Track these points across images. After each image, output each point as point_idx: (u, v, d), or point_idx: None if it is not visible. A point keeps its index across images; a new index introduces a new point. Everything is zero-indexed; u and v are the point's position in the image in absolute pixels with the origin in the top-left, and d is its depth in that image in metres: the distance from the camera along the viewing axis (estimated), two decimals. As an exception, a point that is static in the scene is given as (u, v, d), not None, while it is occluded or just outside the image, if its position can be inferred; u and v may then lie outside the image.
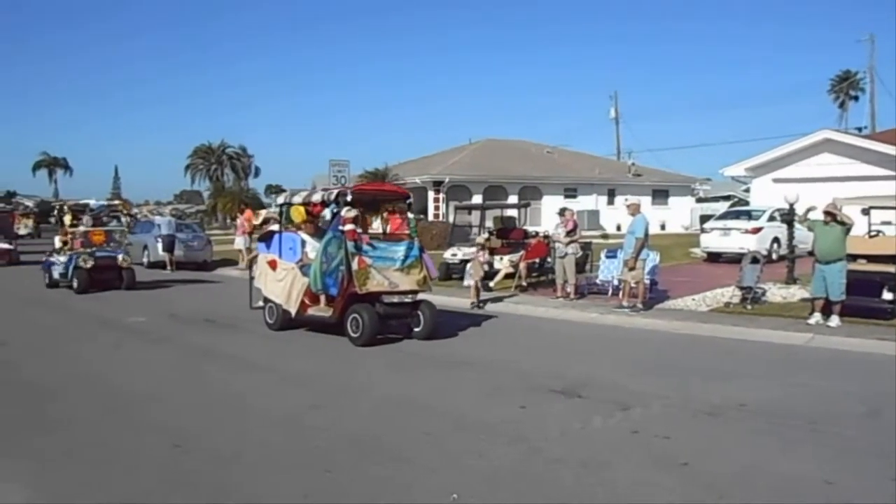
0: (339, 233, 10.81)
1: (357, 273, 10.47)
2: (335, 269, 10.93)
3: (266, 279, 12.25)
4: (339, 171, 22.80)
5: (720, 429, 6.61)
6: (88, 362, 9.94)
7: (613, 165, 49.44)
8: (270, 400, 7.82)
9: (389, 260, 11.00)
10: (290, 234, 12.31)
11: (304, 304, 11.50)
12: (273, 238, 12.50)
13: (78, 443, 6.32)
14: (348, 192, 11.16)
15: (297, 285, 11.51)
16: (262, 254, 12.69)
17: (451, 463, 5.73)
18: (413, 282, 11.04)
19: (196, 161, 67.96)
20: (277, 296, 11.85)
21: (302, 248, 11.98)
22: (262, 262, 12.55)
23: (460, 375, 8.87)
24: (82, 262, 17.84)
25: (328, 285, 11.02)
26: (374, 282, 10.58)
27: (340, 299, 10.80)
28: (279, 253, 12.16)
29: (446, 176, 37.59)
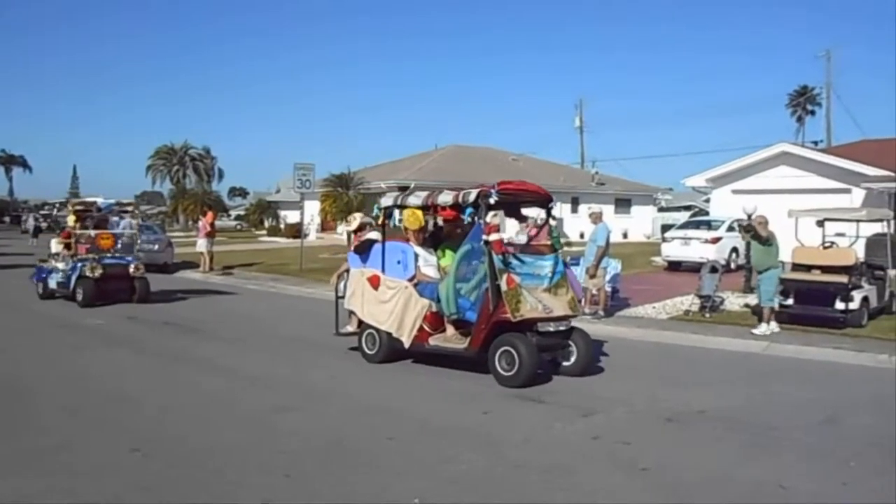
0: (482, 244, 8.62)
1: (507, 295, 8.37)
2: (474, 290, 8.77)
3: (363, 300, 9.83)
4: (303, 174, 22.70)
5: (680, 435, 6.74)
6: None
7: (578, 174, 49.91)
8: (236, 402, 7.78)
9: (537, 278, 8.94)
10: (397, 244, 9.89)
11: (422, 332, 9.30)
12: (372, 249, 10.09)
13: (36, 446, 6.22)
14: (493, 191, 8.80)
15: (414, 309, 9.32)
16: (357, 268, 10.15)
17: (416, 468, 5.75)
18: (565, 305, 9.00)
19: (157, 162, 66.93)
20: (382, 321, 9.53)
21: (415, 262, 9.70)
22: (356, 279, 9.98)
23: (423, 380, 8.90)
24: (89, 270, 15.19)
25: (463, 309, 8.82)
26: (528, 306, 8.50)
27: (483, 327, 8.60)
28: (382, 267, 9.79)
29: (412, 181, 37.54)
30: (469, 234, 9.03)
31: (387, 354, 9.62)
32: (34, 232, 42.15)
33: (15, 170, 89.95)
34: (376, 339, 9.71)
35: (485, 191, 8.79)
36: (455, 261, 8.99)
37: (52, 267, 16.44)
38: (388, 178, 38.26)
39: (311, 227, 40.93)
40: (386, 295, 9.57)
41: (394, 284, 9.55)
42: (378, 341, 9.70)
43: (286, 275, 22.09)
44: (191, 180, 66.44)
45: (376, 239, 10.17)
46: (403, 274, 9.61)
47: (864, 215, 14.64)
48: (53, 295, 16.11)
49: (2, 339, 11.72)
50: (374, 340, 9.75)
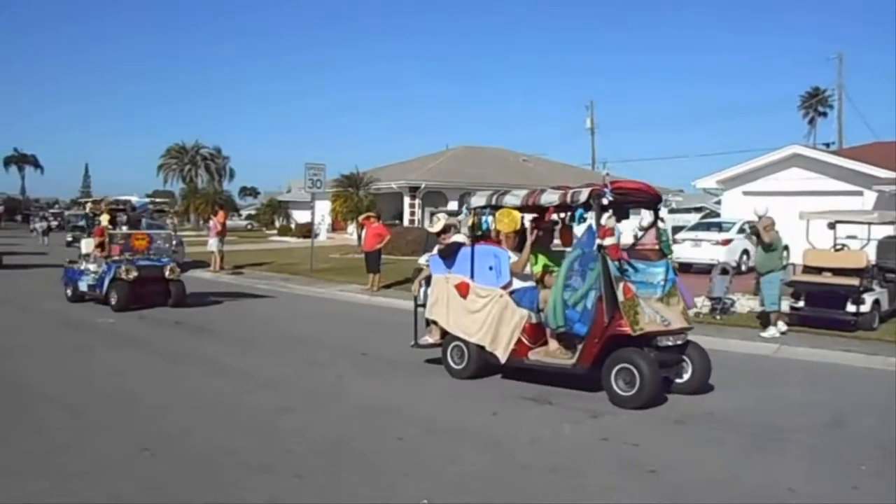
0: (595, 249, 7.80)
1: (625, 306, 7.59)
2: (581, 300, 7.84)
3: (448, 309, 9.02)
4: (314, 174, 22.71)
5: (688, 437, 6.73)
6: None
7: (588, 175, 49.77)
8: (244, 403, 7.81)
9: (650, 286, 8.10)
10: (489, 248, 8.94)
11: (521, 346, 8.44)
12: (459, 253, 9.15)
13: (44, 445, 6.27)
14: (606, 190, 7.90)
15: (510, 320, 8.45)
16: (440, 274, 9.26)
17: (423, 468, 5.77)
18: (679, 316, 8.15)
19: (169, 161, 67.27)
20: (472, 333, 8.72)
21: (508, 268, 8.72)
22: (440, 286, 9.16)
23: (431, 381, 8.91)
24: (124, 272, 14.50)
25: (572, 321, 7.85)
26: (646, 318, 7.69)
27: (596, 341, 7.76)
28: (471, 273, 8.90)
29: (422, 182, 37.64)
30: (580, 238, 8.19)
31: (477, 369, 8.77)
32: (45, 231, 42.47)
33: (27, 169, 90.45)
34: (464, 353, 8.86)
35: (598, 190, 7.95)
36: (563, 268, 8.07)
37: (83, 268, 15.72)
38: (398, 179, 38.30)
39: (322, 227, 41.02)
40: (476, 304, 8.76)
41: (486, 293, 8.69)
42: (466, 355, 8.83)
43: (296, 274, 22.15)
44: (202, 180, 66.75)
45: (463, 242, 9.29)
46: (496, 281, 8.68)
47: (875, 218, 14.55)
48: (83, 298, 15.51)
49: (10, 338, 11.79)
50: (461, 354, 8.90)
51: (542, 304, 8.33)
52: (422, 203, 37.06)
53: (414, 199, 37.41)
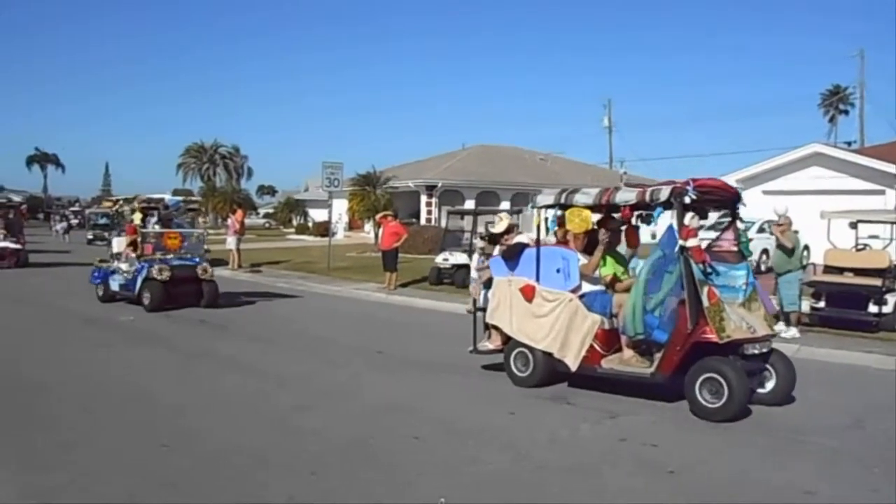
0: (677, 250, 7.32)
1: (710, 311, 7.13)
2: (661, 304, 7.38)
3: (512, 314, 8.54)
4: (332, 173, 22.78)
5: (707, 438, 6.66)
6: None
7: (605, 174, 49.63)
8: (262, 401, 7.84)
9: (732, 290, 7.68)
10: (556, 250, 8.50)
11: (593, 353, 7.95)
12: (523, 255, 8.64)
13: (65, 441, 6.32)
14: (689, 189, 7.38)
15: (581, 325, 7.96)
16: (503, 276, 8.77)
17: (440, 468, 5.75)
18: (762, 322, 7.70)
19: (188, 160, 67.79)
20: (538, 339, 8.25)
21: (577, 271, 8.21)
22: (502, 289, 8.66)
23: (450, 380, 8.91)
24: (157, 272, 14.24)
25: (651, 327, 7.41)
26: (732, 324, 7.22)
27: (678, 349, 7.31)
28: (536, 276, 8.42)
29: (439, 181, 37.69)
30: (660, 240, 7.68)
31: (543, 377, 8.32)
32: (66, 230, 42.92)
33: (48, 168, 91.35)
34: (529, 360, 8.40)
35: (680, 188, 7.42)
36: (643, 271, 7.61)
37: (115, 268, 15.49)
38: (415, 178, 38.38)
39: (339, 225, 41.14)
40: (543, 308, 8.27)
41: (554, 296, 8.20)
42: (532, 362, 8.38)
43: (314, 273, 22.23)
44: (220, 178, 67.18)
45: (527, 243, 8.83)
46: (564, 284, 8.19)
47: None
48: (114, 297, 15.31)
49: (30, 335, 11.91)
50: (526, 361, 8.44)
51: (615, 308, 7.92)
52: (438, 202, 37.10)
53: (431, 198, 37.47)
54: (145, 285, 14.28)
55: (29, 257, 24.21)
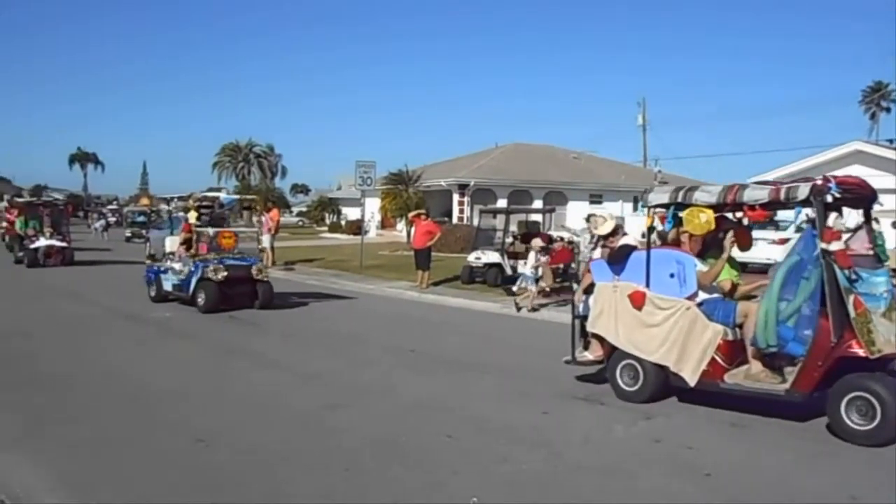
0: (816, 255, 6.62)
1: (857, 322, 6.37)
2: (797, 313, 6.65)
3: (618, 322, 7.83)
4: (364, 172, 22.87)
5: (745, 440, 6.54)
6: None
7: (640, 172, 49.15)
8: (294, 398, 7.88)
9: (873, 299, 6.70)
10: (670, 253, 7.76)
11: (715, 367, 7.20)
12: (630, 258, 7.94)
13: (102, 434, 6.41)
14: (832, 186, 6.68)
15: (701, 336, 7.25)
16: (607, 281, 8.03)
17: (473, 466, 5.72)
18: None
19: (223, 159, 68.45)
20: (651, 350, 7.55)
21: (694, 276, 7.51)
22: (606, 295, 7.94)
23: (482, 379, 8.86)
24: (212, 272, 13.87)
25: (785, 339, 6.69)
26: (881, 337, 6.41)
27: (819, 364, 6.55)
28: (646, 282, 7.71)
29: (471, 179, 37.63)
30: (796, 243, 7.04)
31: (654, 391, 7.64)
32: (104, 227, 43.71)
33: (88, 167, 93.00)
34: (638, 372, 7.68)
35: (821, 185, 6.70)
36: (776, 277, 6.91)
37: (167, 267, 15.23)
38: (447, 177, 38.41)
39: (371, 223, 41.31)
40: (655, 317, 7.57)
41: (668, 304, 7.50)
42: (641, 375, 7.65)
43: (346, 271, 22.33)
44: (255, 177, 67.77)
45: (635, 246, 8.21)
46: (679, 291, 7.50)
47: (943, 216, 14.01)
48: (167, 298, 15.05)
49: (68, 330, 12.10)
50: (634, 373, 7.71)
51: (740, 318, 7.25)
52: (471, 201, 37.05)
53: (463, 197, 37.43)
54: (200, 286, 13.95)
55: (74, 255, 24.40)
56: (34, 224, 24.42)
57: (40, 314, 13.80)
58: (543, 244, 15.88)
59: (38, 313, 13.91)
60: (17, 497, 4.95)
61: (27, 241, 23.77)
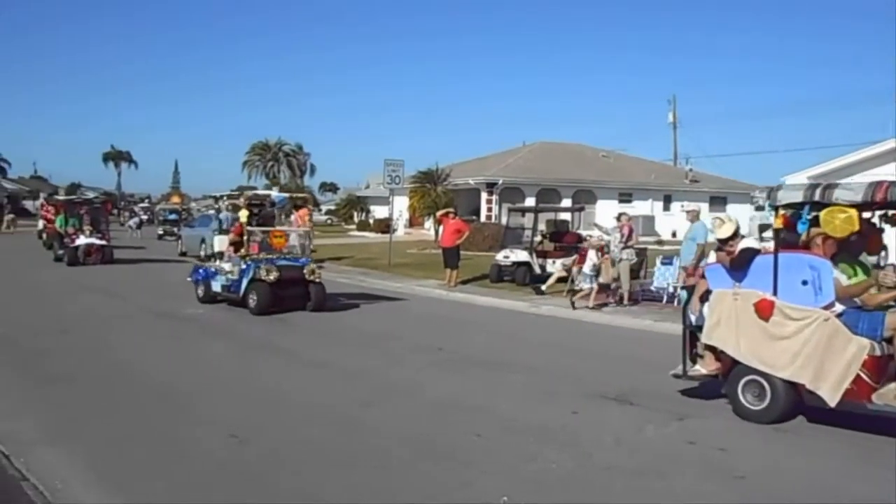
0: None
1: None
2: None
3: (739, 333, 7.08)
4: (393, 170, 22.92)
5: (781, 443, 6.43)
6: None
7: (670, 171, 48.74)
8: (326, 395, 7.93)
9: None
10: (801, 257, 6.99)
11: (861, 385, 6.41)
12: (754, 263, 7.22)
13: (137, 429, 6.49)
14: None
15: (844, 351, 6.47)
16: (726, 288, 7.33)
17: (502, 466, 5.71)
18: None
19: (253, 157, 69.16)
20: (781, 366, 6.79)
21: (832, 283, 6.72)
22: (725, 304, 7.23)
23: (511, 378, 8.83)
24: (264, 272, 13.35)
25: None
26: None
27: None
28: (773, 289, 6.98)
29: (500, 178, 37.56)
30: None
31: (784, 410, 6.87)
32: (138, 225, 44.32)
33: (122, 165, 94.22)
34: (765, 390, 6.91)
35: None
36: None
37: (216, 268, 14.72)
38: (476, 175, 38.36)
39: (400, 222, 41.39)
40: (786, 328, 6.82)
41: (802, 314, 6.73)
42: (769, 392, 6.88)
43: (375, 269, 22.40)
44: (284, 175, 68.29)
45: (759, 249, 7.54)
46: (814, 300, 6.74)
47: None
48: (215, 299, 14.60)
49: (103, 326, 12.26)
50: (760, 391, 6.93)
51: (888, 331, 6.50)
52: (499, 199, 36.98)
53: (491, 196, 37.37)
54: (251, 287, 13.43)
55: (113, 254, 24.25)
56: (74, 222, 24.39)
57: (80, 311, 14.00)
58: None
59: (78, 310, 14.12)
60: (55, 490, 5.02)
61: (67, 240, 23.68)
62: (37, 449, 5.88)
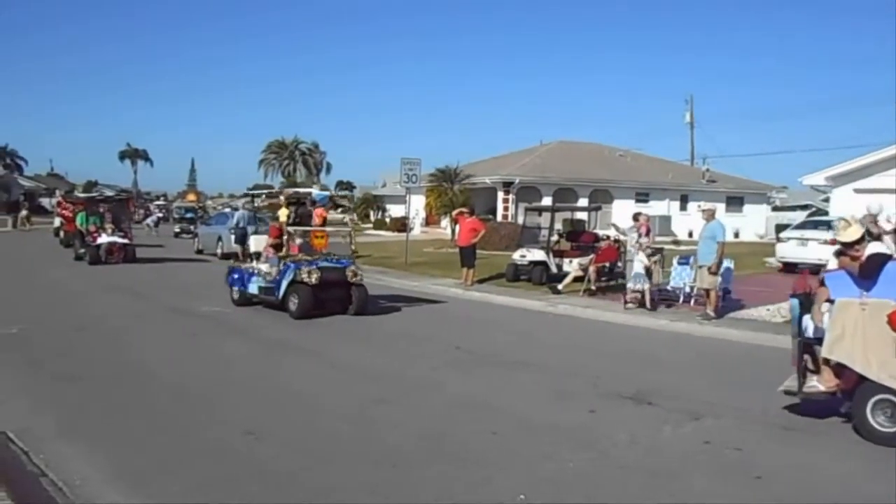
0: None
1: None
2: None
3: (867, 347, 6.44)
4: (410, 169, 22.95)
5: (799, 444, 6.41)
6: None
7: (687, 171, 48.47)
8: (342, 393, 7.97)
9: None
10: None
11: None
12: (885, 269, 6.66)
13: (155, 425, 6.56)
14: None
15: None
16: (851, 297, 6.69)
17: (519, 464, 5.72)
18: None
19: (269, 156, 69.49)
20: None
21: None
22: (851, 314, 6.59)
23: (528, 377, 8.84)
24: (305, 275, 12.71)
25: None
26: None
27: None
28: None
29: (516, 177, 37.50)
30: None
31: None
32: (155, 223, 44.62)
33: (138, 162, 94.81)
34: None
35: None
36: None
37: (253, 269, 14.07)
38: (492, 174, 38.33)
39: (416, 220, 41.43)
40: None
41: None
42: None
43: (392, 268, 22.43)
44: (301, 174, 68.55)
45: (891, 255, 6.96)
46: None
47: None
48: (251, 301, 14.01)
49: (122, 323, 12.39)
50: (893, 412, 6.30)
51: None
52: (515, 198, 36.93)
53: (508, 195, 37.33)
54: (291, 289, 12.81)
55: (136, 252, 23.68)
56: (95, 220, 23.87)
57: (104, 311, 14.14)
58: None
59: (102, 310, 14.27)
60: (74, 486, 5.08)
61: (89, 238, 23.15)
62: (56, 445, 5.94)
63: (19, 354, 9.52)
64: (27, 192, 69.53)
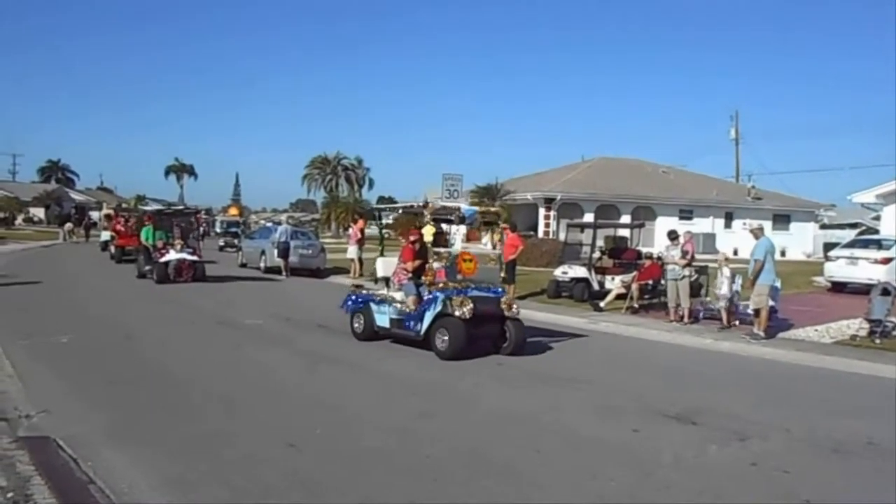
0: None
1: None
2: None
3: None
4: (451, 185, 22.98)
5: (845, 466, 6.26)
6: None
7: (732, 188, 47.83)
8: (385, 406, 7.99)
9: None
10: None
11: None
12: None
13: (200, 434, 6.65)
14: None
15: None
16: None
17: (561, 481, 5.67)
18: None
19: (312, 171, 70.44)
20: None
21: None
22: None
23: (571, 394, 8.77)
24: (458, 306, 10.62)
25: None
26: None
27: None
28: None
29: (558, 193, 37.39)
30: None
31: None
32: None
33: (184, 177, 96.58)
34: None
35: None
36: None
37: (383, 297, 12.03)
38: (534, 190, 38.25)
39: (457, 236, 41.41)
40: None
41: None
42: None
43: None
44: (343, 189, 69.27)
45: None
46: None
47: None
48: (378, 335, 11.88)
49: (164, 332, 12.61)
50: None
51: None
52: (557, 214, 36.81)
53: (549, 211, 37.22)
54: (439, 324, 10.72)
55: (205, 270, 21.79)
56: (161, 235, 22.34)
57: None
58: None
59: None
60: (122, 493, 5.16)
61: (156, 255, 21.45)
62: (104, 452, 6.03)
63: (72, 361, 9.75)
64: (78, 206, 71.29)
